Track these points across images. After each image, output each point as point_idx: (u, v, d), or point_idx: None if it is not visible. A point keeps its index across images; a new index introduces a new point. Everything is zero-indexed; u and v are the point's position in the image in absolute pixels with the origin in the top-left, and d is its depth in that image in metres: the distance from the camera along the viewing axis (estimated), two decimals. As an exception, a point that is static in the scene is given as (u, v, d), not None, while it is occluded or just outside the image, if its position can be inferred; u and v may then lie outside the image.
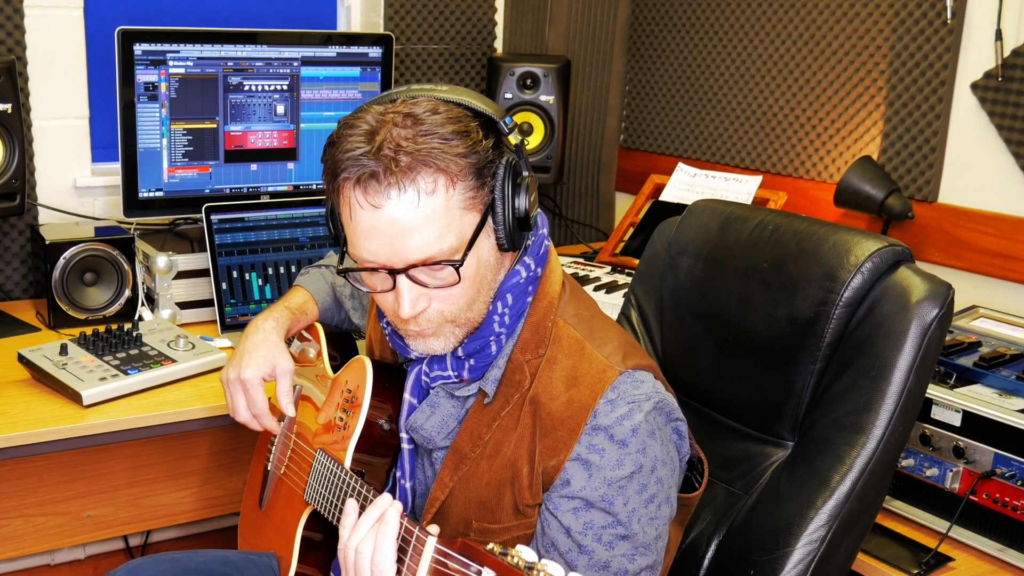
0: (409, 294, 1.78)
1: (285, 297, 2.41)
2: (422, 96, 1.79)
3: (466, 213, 1.75)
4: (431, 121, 1.73)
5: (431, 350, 1.89)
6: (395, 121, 1.73)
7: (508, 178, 1.79)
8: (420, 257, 1.74)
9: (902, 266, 2.08)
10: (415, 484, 2.05)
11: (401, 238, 1.72)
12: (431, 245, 1.73)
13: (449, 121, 1.74)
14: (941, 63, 3.24)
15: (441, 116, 1.74)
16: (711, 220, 2.35)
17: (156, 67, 3.31)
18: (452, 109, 1.76)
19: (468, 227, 1.76)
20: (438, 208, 1.72)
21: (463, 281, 1.78)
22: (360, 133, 1.73)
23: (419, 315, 1.82)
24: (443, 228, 1.73)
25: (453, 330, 1.86)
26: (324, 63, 3.59)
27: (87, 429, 2.64)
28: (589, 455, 1.79)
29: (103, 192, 3.67)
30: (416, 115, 1.73)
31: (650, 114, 4.36)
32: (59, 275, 3.16)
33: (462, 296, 1.81)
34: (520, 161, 1.82)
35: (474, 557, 1.47)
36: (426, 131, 1.71)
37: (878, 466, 2.00)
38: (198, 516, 3.77)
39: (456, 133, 1.73)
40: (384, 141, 1.70)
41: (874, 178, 3.33)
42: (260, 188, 3.58)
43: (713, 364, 2.28)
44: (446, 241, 1.74)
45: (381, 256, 1.76)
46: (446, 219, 1.73)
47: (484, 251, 1.81)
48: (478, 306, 1.85)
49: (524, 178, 1.81)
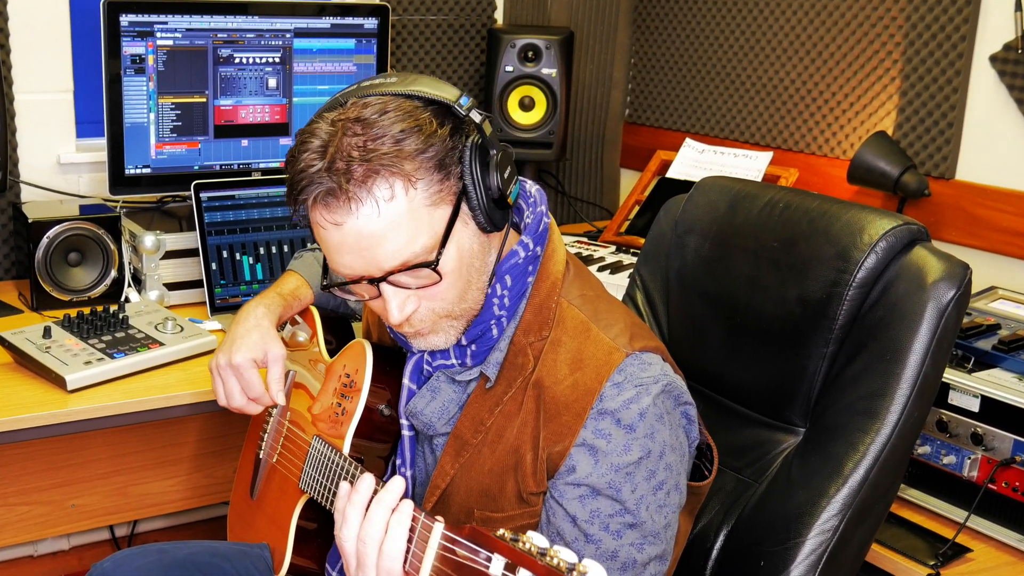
0: (395, 299, 1.80)
1: (277, 283, 2.41)
2: (372, 95, 1.79)
3: (435, 209, 1.76)
4: (381, 123, 1.73)
5: (433, 346, 1.90)
6: (345, 129, 1.73)
7: (474, 160, 1.79)
8: (395, 263, 1.76)
9: (918, 245, 2.08)
10: (415, 472, 2.05)
11: (371, 249, 1.74)
12: (403, 250, 1.75)
13: (399, 119, 1.74)
14: (959, 35, 3.23)
15: (391, 115, 1.74)
16: (719, 198, 2.35)
17: (143, 39, 3.30)
18: (402, 104, 1.76)
19: (439, 222, 1.77)
20: (401, 213, 1.73)
21: (446, 276, 1.79)
22: (313, 149, 1.74)
23: (411, 317, 1.83)
24: (412, 231, 1.74)
25: (451, 323, 1.87)
26: (318, 35, 3.58)
27: (71, 415, 2.64)
28: (595, 440, 1.79)
29: (88, 169, 3.66)
30: (365, 119, 1.74)
31: (656, 87, 4.35)
32: (42, 255, 3.15)
33: (450, 290, 1.82)
34: (485, 139, 1.82)
35: (484, 543, 1.46)
36: (377, 135, 1.72)
37: (893, 453, 2.00)
38: (186, 505, 3.78)
39: (408, 131, 1.73)
40: (336, 154, 1.72)
41: (889, 154, 3.32)
42: (251, 164, 3.58)
43: (721, 347, 2.28)
44: (418, 243, 1.75)
45: (357, 268, 1.78)
46: (413, 221, 1.74)
47: (464, 240, 1.81)
48: (471, 295, 1.85)
49: (492, 156, 1.80)
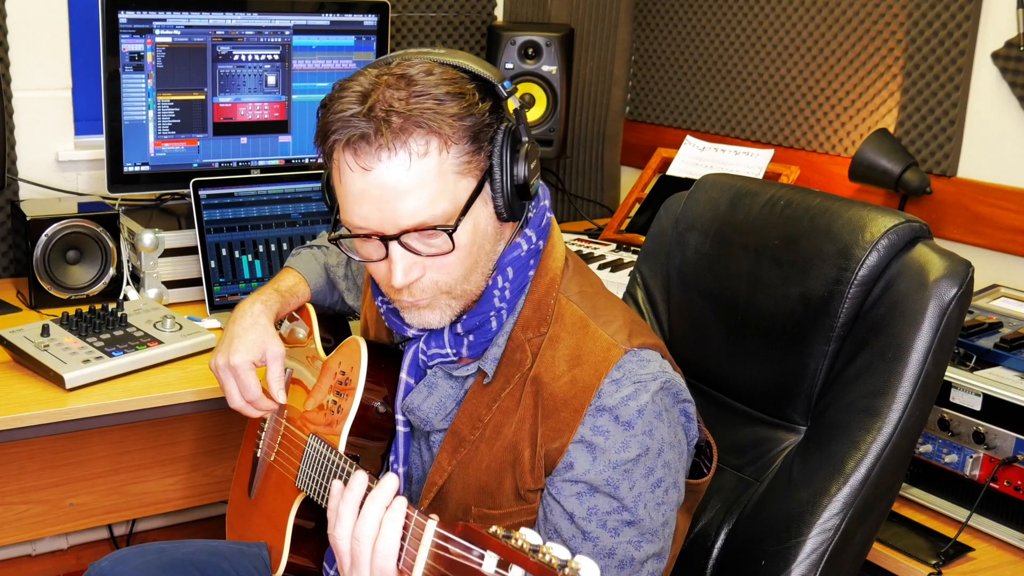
0: (402, 262, 1.79)
1: (274, 279, 2.41)
2: (418, 59, 1.79)
3: (461, 178, 1.76)
4: (425, 82, 1.73)
5: (427, 323, 1.89)
6: (388, 83, 1.73)
7: (506, 144, 1.79)
8: (412, 223, 1.75)
9: (919, 243, 2.08)
10: (412, 469, 2.05)
11: (392, 202, 1.73)
12: (424, 210, 1.74)
13: (444, 82, 1.74)
14: (960, 32, 3.23)
15: (436, 77, 1.75)
16: (720, 195, 2.35)
17: (142, 36, 3.30)
18: (448, 71, 1.77)
19: (463, 192, 1.77)
20: (431, 171, 1.72)
21: (458, 249, 1.79)
22: (352, 94, 1.74)
23: (412, 284, 1.82)
24: (436, 192, 1.74)
25: (449, 302, 1.86)
26: (317, 32, 3.58)
27: (70, 413, 2.64)
28: (593, 437, 1.79)
29: (87, 166, 3.66)
30: (410, 76, 1.74)
31: (657, 85, 4.35)
32: (41, 253, 3.16)
33: (458, 265, 1.81)
34: (519, 127, 1.82)
35: (476, 541, 1.47)
36: (420, 92, 1.72)
37: (894, 452, 2.00)
38: (185, 504, 3.78)
39: (451, 95, 1.73)
40: (376, 102, 1.71)
41: (890, 152, 3.32)
42: (250, 162, 3.58)
43: (722, 345, 2.28)
44: (439, 206, 1.74)
45: (373, 222, 1.77)
46: (439, 183, 1.73)
47: (481, 219, 1.81)
48: (475, 278, 1.85)
49: (523, 144, 1.81)
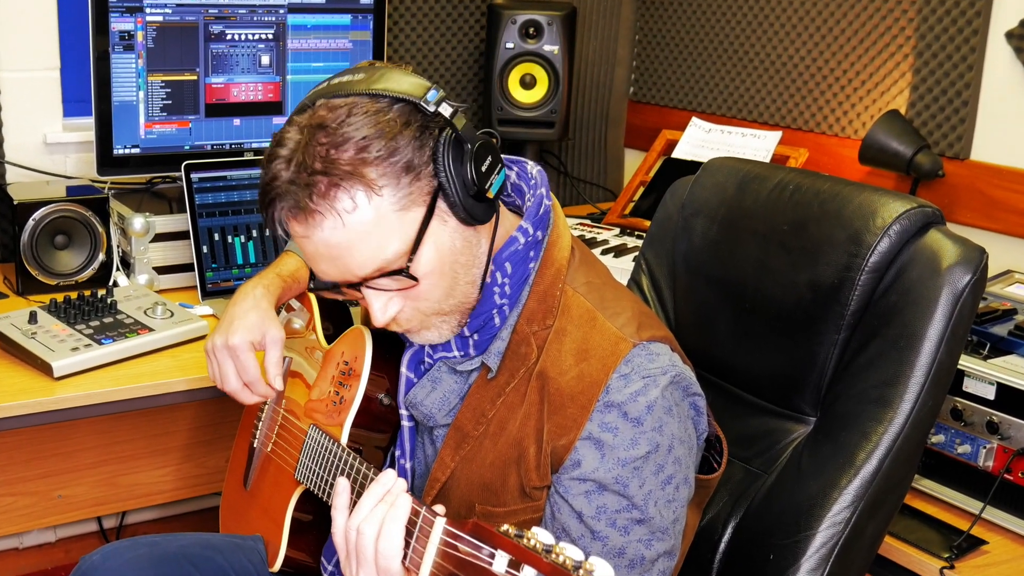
0: (377, 301, 1.83)
1: (276, 263, 2.40)
2: (339, 96, 1.79)
3: (405, 213, 1.76)
4: (343, 131, 1.74)
5: (428, 341, 1.92)
6: (310, 137, 1.75)
7: (447, 156, 1.78)
8: (368, 271, 1.78)
9: (932, 228, 2.08)
10: (415, 464, 2.06)
11: (342, 258, 1.77)
12: (374, 258, 1.77)
13: (363, 124, 1.74)
14: (973, 10, 3.22)
15: (356, 119, 1.75)
16: (727, 179, 2.35)
17: (132, 14, 3.30)
18: (367, 106, 1.76)
19: (411, 226, 1.77)
20: (366, 222, 1.74)
21: (425, 278, 1.80)
22: (281, 158, 1.76)
23: (397, 317, 1.86)
24: (381, 239, 1.76)
25: (443, 319, 1.88)
26: (312, 10, 3.57)
27: (58, 403, 2.64)
28: (601, 434, 1.79)
29: (75, 149, 3.66)
30: (328, 126, 1.75)
31: (662, 65, 4.34)
32: (28, 238, 3.15)
33: (433, 290, 1.83)
34: (458, 133, 1.80)
35: (487, 539, 1.47)
36: (339, 142, 1.73)
37: (906, 443, 2.00)
38: (177, 496, 3.79)
39: (372, 136, 1.74)
40: (301, 165, 1.74)
41: (902, 134, 3.32)
42: (243, 144, 3.57)
43: (729, 333, 2.28)
44: (389, 249, 1.76)
45: (334, 275, 1.82)
46: (380, 229, 1.75)
47: (443, 239, 1.81)
48: (461, 289, 1.85)
49: (467, 150, 1.80)
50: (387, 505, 1.67)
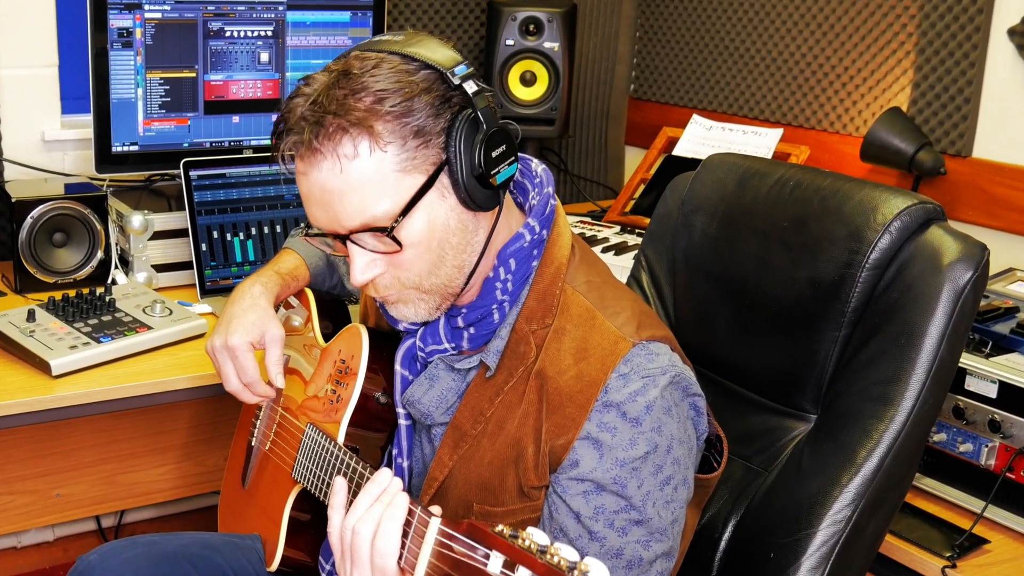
0: (359, 259, 1.82)
1: (274, 260, 2.40)
2: (373, 51, 1.80)
3: (405, 176, 1.76)
4: (366, 81, 1.75)
5: (404, 317, 1.91)
6: (334, 81, 1.76)
7: (461, 133, 1.78)
8: (355, 224, 1.77)
9: (933, 225, 2.07)
10: (413, 463, 2.05)
11: (333, 205, 1.77)
12: (364, 211, 1.76)
13: (387, 78, 1.75)
14: (975, 7, 3.22)
15: (381, 72, 1.76)
16: (727, 176, 2.35)
17: (131, 11, 3.29)
18: (397, 64, 1.77)
19: (407, 190, 1.77)
20: (364, 173, 1.74)
21: (411, 246, 1.80)
22: (303, 94, 1.78)
23: (375, 281, 1.85)
24: (374, 193, 1.75)
25: (421, 296, 1.87)
26: (311, 7, 3.57)
27: (56, 401, 2.64)
28: (600, 434, 1.79)
29: (73, 146, 3.65)
30: (353, 73, 1.76)
31: (662, 62, 4.34)
32: (26, 235, 3.15)
33: (416, 262, 1.82)
34: (477, 113, 1.80)
35: (482, 540, 1.47)
36: (357, 90, 1.74)
37: (908, 441, 2.00)
38: (176, 495, 3.78)
39: (392, 91, 1.74)
40: (317, 104, 1.75)
41: (903, 131, 3.31)
42: (242, 142, 3.57)
43: (729, 331, 2.28)
44: (379, 207, 1.76)
45: (323, 222, 1.82)
46: (376, 184, 1.75)
47: (438, 214, 1.80)
48: (446, 271, 1.84)
49: (482, 132, 1.80)
50: (383, 504, 1.67)
